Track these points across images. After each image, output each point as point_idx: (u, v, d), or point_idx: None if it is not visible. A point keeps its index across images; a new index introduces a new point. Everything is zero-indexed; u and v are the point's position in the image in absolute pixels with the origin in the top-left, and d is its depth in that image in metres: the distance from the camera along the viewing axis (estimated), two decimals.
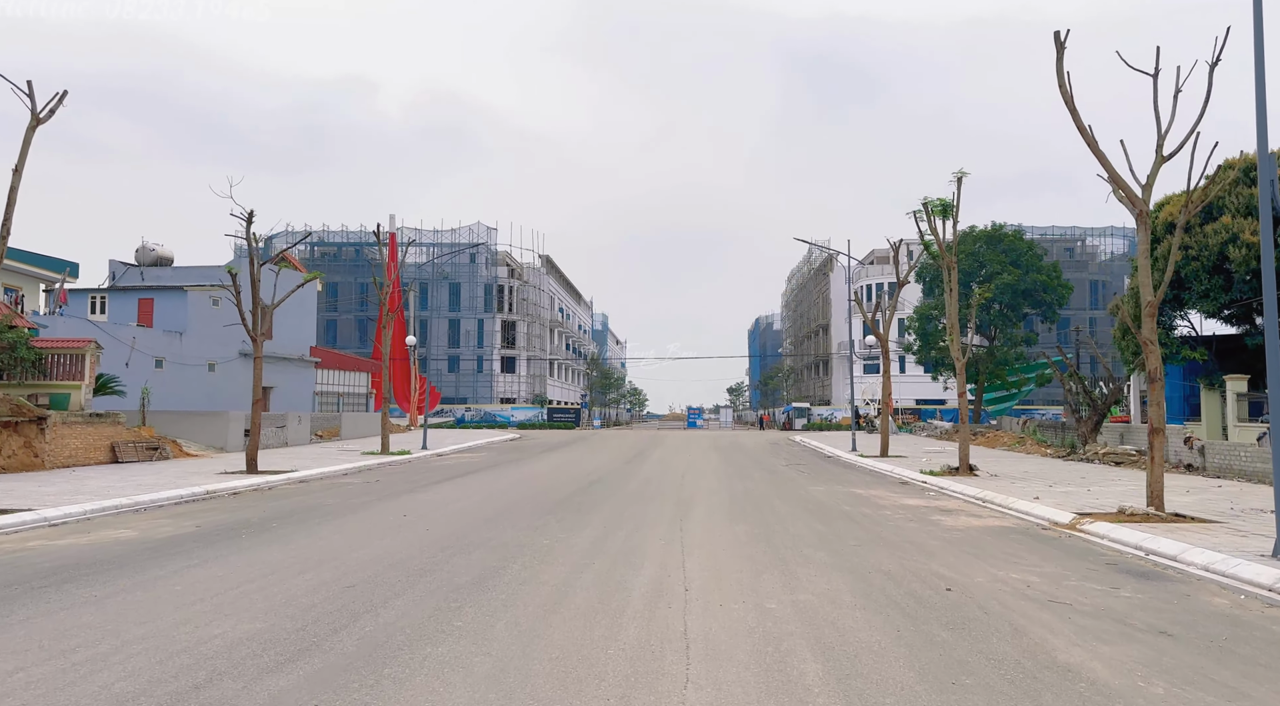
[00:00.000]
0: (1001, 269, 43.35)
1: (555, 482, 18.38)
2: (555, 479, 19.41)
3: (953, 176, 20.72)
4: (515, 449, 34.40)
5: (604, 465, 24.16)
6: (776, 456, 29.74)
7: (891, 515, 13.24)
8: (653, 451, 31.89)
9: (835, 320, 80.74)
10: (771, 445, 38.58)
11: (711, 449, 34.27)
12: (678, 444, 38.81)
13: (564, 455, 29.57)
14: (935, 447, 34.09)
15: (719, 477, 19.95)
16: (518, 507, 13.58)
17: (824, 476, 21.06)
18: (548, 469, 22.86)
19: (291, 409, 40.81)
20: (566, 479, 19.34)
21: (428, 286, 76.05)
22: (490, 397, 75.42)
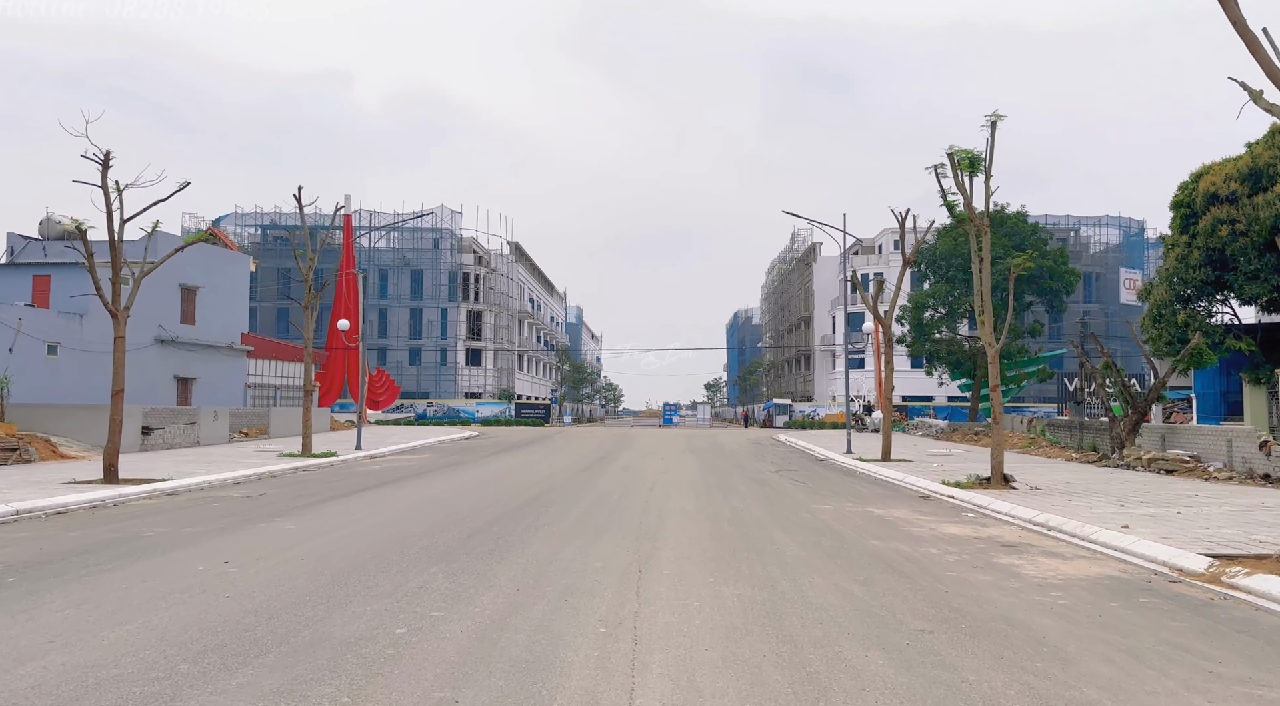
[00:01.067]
0: (1005, 253, 39.66)
1: (485, 499, 14.30)
2: (488, 493, 15.34)
3: (985, 120, 16.84)
4: (465, 449, 30.26)
5: (557, 472, 20.11)
6: (762, 460, 25.86)
7: (940, 556, 9.30)
8: (620, 454, 27.88)
9: (818, 313, 77.17)
10: (754, 445, 34.71)
11: (687, 450, 30.32)
12: (650, 444, 34.82)
13: (516, 458, 25.49)
14: (939, 449, 30.36)
15: (696, 491, 15.95)
16: (408, 544, 9.50)
17: (826, 488, 17.14)
18: (487, 477, 18.78)
19: (219, 403, 36.37)
20: (503, 493, 15.27)
21: (387, 273, 71.51)
22: (454, 392, 71.04)
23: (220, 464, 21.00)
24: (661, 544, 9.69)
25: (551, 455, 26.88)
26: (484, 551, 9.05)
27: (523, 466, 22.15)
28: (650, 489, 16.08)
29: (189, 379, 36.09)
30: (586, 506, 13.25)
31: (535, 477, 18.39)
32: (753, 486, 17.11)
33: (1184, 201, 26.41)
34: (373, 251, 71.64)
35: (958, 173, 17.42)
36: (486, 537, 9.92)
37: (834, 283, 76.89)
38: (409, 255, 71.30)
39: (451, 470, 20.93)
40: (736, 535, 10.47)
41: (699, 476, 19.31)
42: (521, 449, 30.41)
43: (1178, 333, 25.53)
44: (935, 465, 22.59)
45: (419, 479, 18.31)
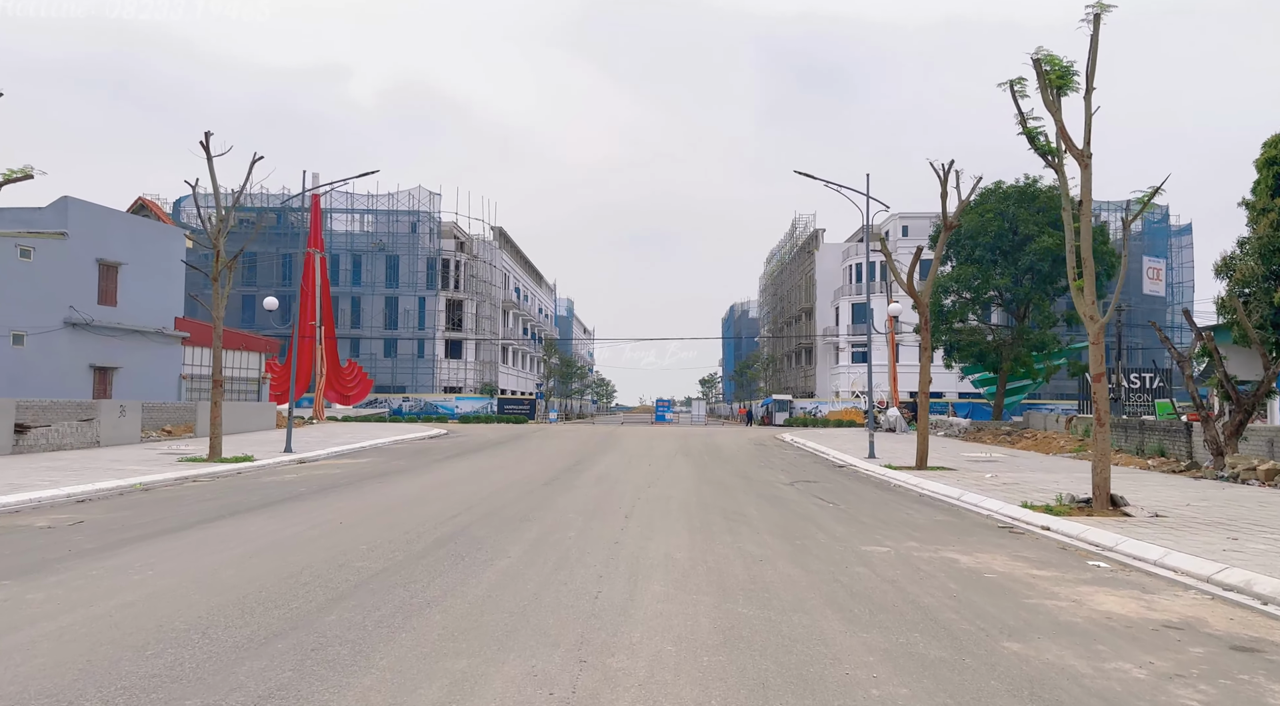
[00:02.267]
0: (1040, 231, 35.26)
1: (373, 539, 9.75)
2: (390, 525, 10.79)
3: (1086, 12, 12.29)
4: (420, 451, 25.69)
5: (510, 487, 15.57)
6: (770, 467, 21.37)
7: (1150, 684, 4.77)
8: (599, 458, 23.34)
9: (820, 303, 72.68)
10: (757, 447, 30.21)
11: (680, 453, 25.79)
12: (637, 445, 30.29)
13: (471, 464, 20.94)
14: (975, 453, 25.88)
15: (690, 521, 11.41)
16: (128, 663, 4.92)
17: (865, 512, 12.63)
18: (413, 495, 14.22)
19: (149, 396, 31.81)
20: (412, 526, 10.73)
21: (361, 259, 66.80)
22: (432, 386, 66.43)
23: (88, 472, 16.43)
24: (622, 663, 5.12)
25: (517, 460, 22.34)
26: (318, 648, 4.48)
27: (471, 477, 17.62)
28: (625, 517, 11.54)
29: (108, 368, 31.46)
30: (520, 555, 8.69)
31: (475, 496, 13.84)
32: (767, 510, 12.58)
33: (1277, 158, 21.93)
34: (346, 235, 66.97)
35: (1046, 88, 12.84)
36: (282, 652, 5.33)
37: (837, 272, 72.45)
38: (384, 239, 66.59)
39: (377, 483, 16.37)
40: (762, 631, 5.89)
41: (693, 494, 14.77)
42: (484, 451, 25.86)
43: (1272, 313, 21.10)
44: (987, 476, 18.12)
45: (318, 498, 13.75)
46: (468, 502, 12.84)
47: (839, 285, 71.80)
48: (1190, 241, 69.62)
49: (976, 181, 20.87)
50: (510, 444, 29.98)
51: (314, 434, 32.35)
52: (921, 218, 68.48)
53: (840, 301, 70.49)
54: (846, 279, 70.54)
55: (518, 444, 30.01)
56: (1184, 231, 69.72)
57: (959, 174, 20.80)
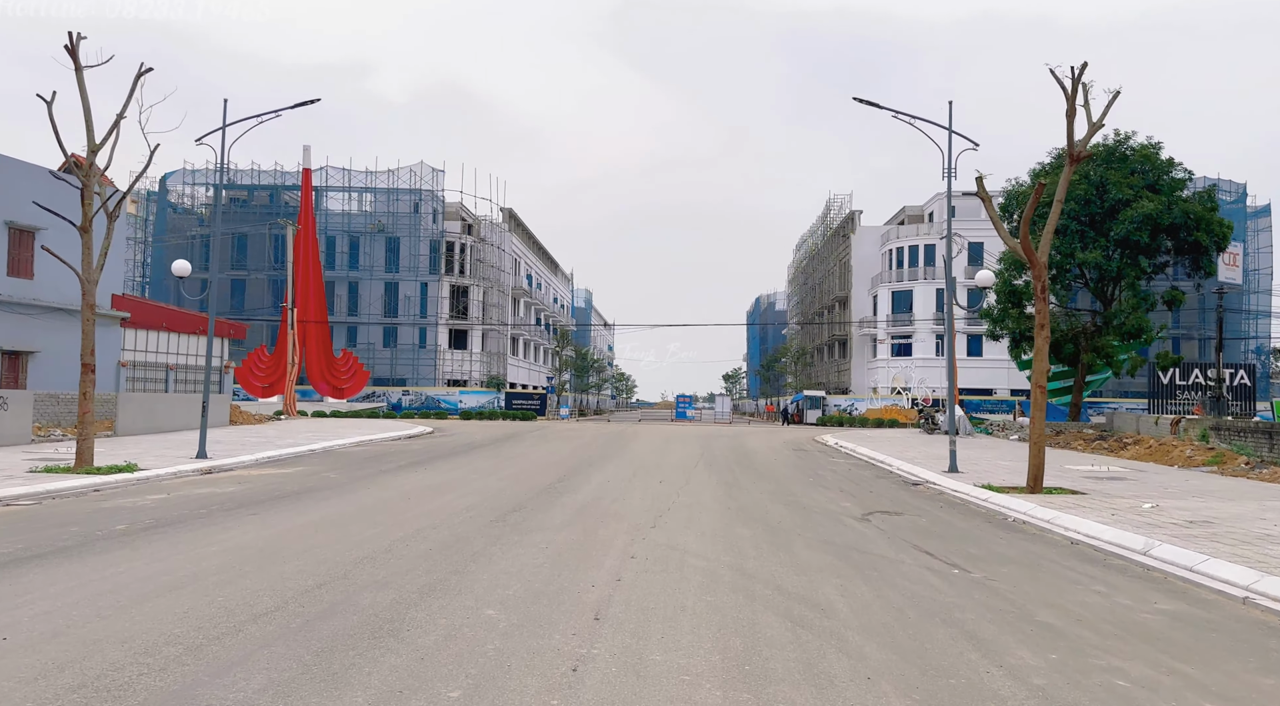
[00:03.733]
0: (1135, 195, 29.35)
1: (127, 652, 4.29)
2: (139, 635, 5.38)
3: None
4: (377, 458, 20.46)
5: (444, 523, 10.20)
6: (824, 486, 15.87)
7: None
8: (596, 471, 17.94)
9: (856, 291, 66.83)
10: (797, 454, 24.69)
11: (702, 463, 20.32)
12: (650, 450, 24.87)
13: (425, 479, 15.62)
14: (1082, 465, 20.17)
15: (720, 625, 5.94)
16: None
17: (1024, 591, 7.07)
18: (281, 541, 8.88)
19: (74, 385, 26.82)
20: (170, 637, 5.31)
21: (359, 240, 61.90)
22: (434, 379, 61.46)
23: None
24: None
25: (487, 472, 17.01)
26: None
27: (397, 503, 12.30)
28: (596, 618, 6.06)
29: (21, 353, 26.55)
30: None
31: (366, 549, 8.47)
32: (858, 592, 7.06)
33: None
34: (343, 215, 62.12)
35: None
36: None
37: (875, 257, 66.57)
38: (383, 220, 61.62)
39: (250, 515, 11.12)
40: None
41: (722, 545, 9.30)
42: (455, 458, 20.56)
43: None
44: (1146, 506, 12.53)
45: (116, 551, 8.48)
46: (331, 569, 7.48)
47: (877, 272, 65.94)
48: (1269, 224, 62.95)
49: (1113, 97, 15.21)
50: (496, 447, 24.69)
51: (267, 432, 27.29)
52: (970, 196, 62.29)
53: (879, 289, 64.62)
54: (886, 264, 64.63)
55: (505, 447, 24.72)
56: (1262, 213, 63.04)
57: (1087, 87, 15.16)
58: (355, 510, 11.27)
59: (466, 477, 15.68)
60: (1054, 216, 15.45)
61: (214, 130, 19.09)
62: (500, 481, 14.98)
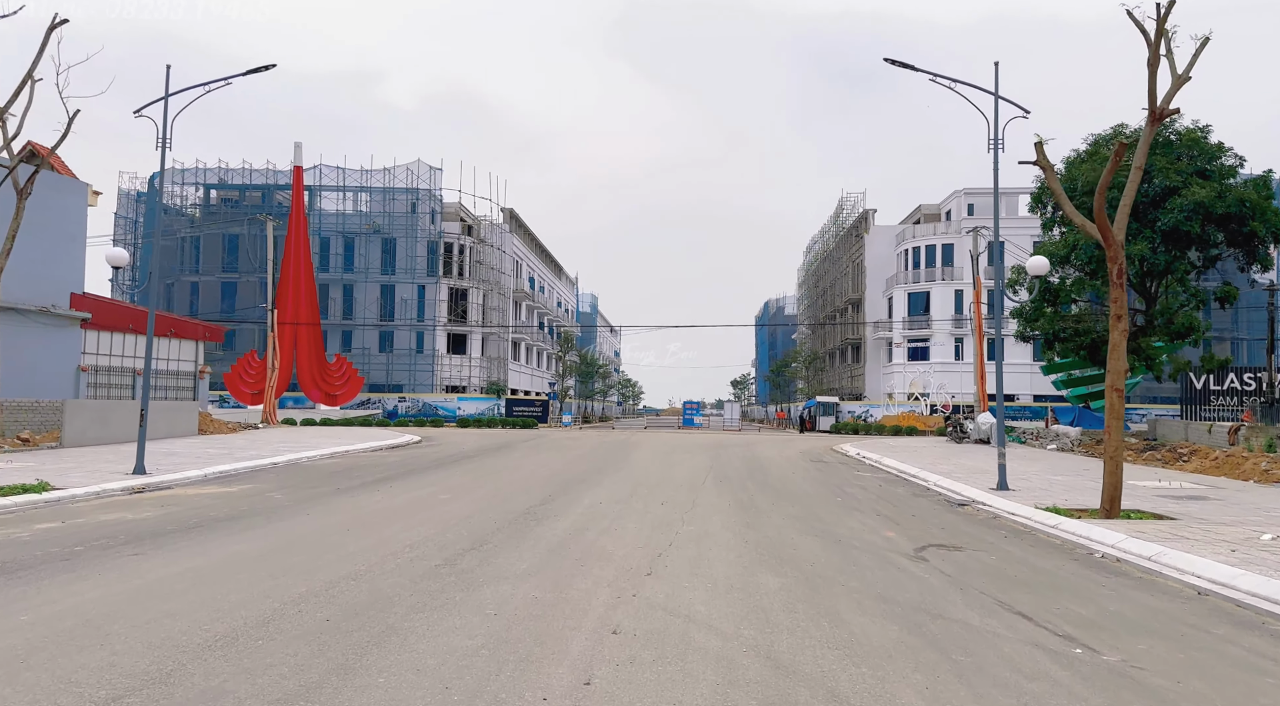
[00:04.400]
0: (1184, 181, 26.80)
1: None
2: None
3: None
4: (347, 472, 18.09)
5: (386, 563, 7.76)
6: (858, 509, 13.40)
7: None
8: (590, 489, 15.50)
9: (870, 293, 64.29)
10: (817, 466, 22.20)
11: (712, 479, 17.86)
12: (654, 461, 22.42)
13: (393, 500, 13.21)
14: (1147, 480, 17.64)
15: None
16: None
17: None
18: (170, 583, 6.44)
19: (29, 391, 24.71)
20: None
21: (353, 241, 59.70)
22: (432, 385, 59.13)
23: None
24: None
25: (466, 489, 14.61)
26: None
27: (346, 534, 9.92)
28: None
29: None
30: None
31: (237, 618, 6.05)
32: (947, 686, 4.62)
33: None
34: (337, 216, 59.94)
35: None
36: None
37: (890, 258, 64.02)
38: (379, 220, 59.42)
39: (157, 549, 8.76)
40: None
41: (739, 601, 6.85)
42: (438, 472, 18.16)
43: None
44: (1266, 537, 10.05)
45: None
46: (154, 665, 5.07)
47: (892, 273, 63.39)
48: None
49: (1201, 44, 12.74)
50: (482, 459, 22.28)
51: (235, 443, 24.96)
52: (990, 194, 59.81)
53: (894, 290, 62.07)
54: (902, 265, 62.07)
55: (492, 459, 22.31)
56: None
57: (1170, 34, 12.69)
58: (269, 548, 8.88)
59: (432, 499, 13.27)
60: (1133, 186, 12.95)
61: (154, 101, 16.78)
62: (469, 505, 12.56)
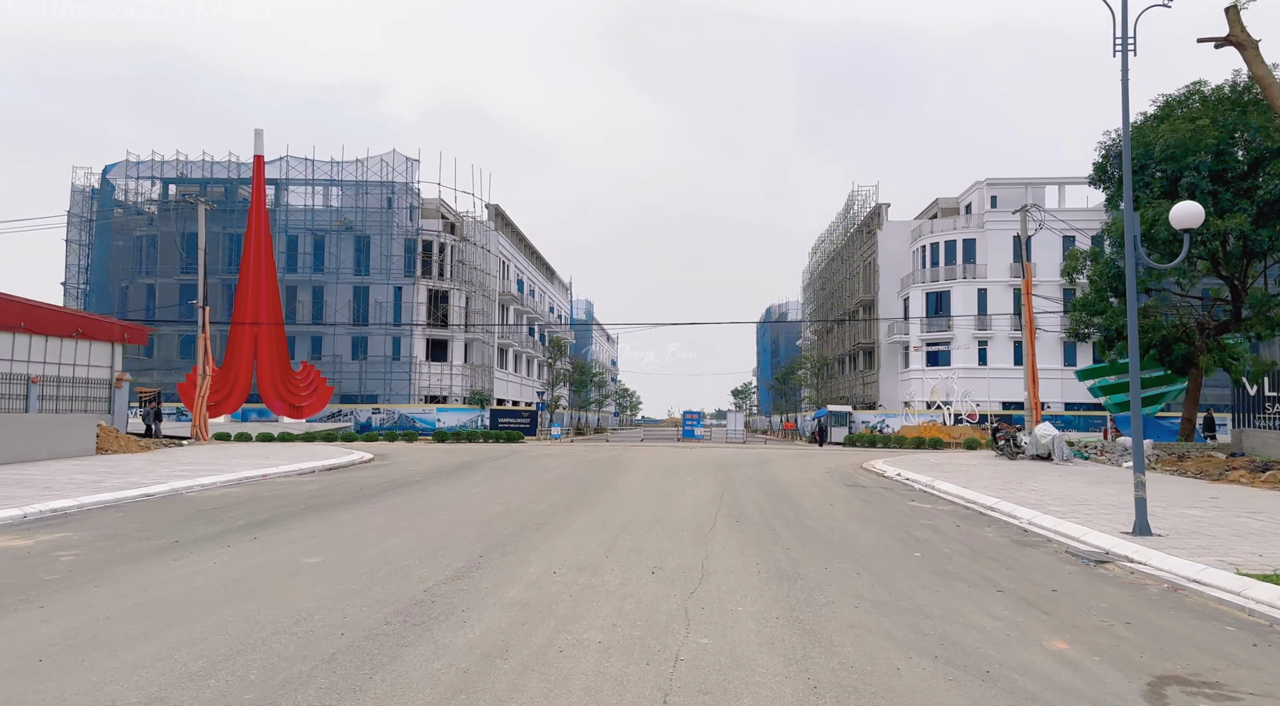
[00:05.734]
0: None
1: None
2: None
3: None
4: (235, 506, 13.27)
5: None
6: (954, 573, 8.56)
7: None
8: (562, 527, 10.69)
9: (884, 294, 59.61)
10: (856, 492, 17.38)
11: (725, 514, 13.07)
12: (648, 487, 17.61)
13: (244, 558, 8.37)
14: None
15: None
16: None
17: None
18: None
19: None
20: None
21: (323, 239, 54.99)
22: (410, 395, 54.32)
23: None
24: None
25: (365, 542, 9.80)
26: None
27: (39, 663, 5.02)
28: None
29: None
30: None
31: None
32: None
33: None
34: (305, 211, 55.24)
35: None
36: None
37: (904, 255, 59.37)
38: (351, 216, 54.73)
39: None
40: None
41: None
42: (350, 508, 13.35)
43: None
44: None
45: None
46: None
47: (908, 271, 58.74)
48: None
49: None
50: (430, 486, 17.47)
51: (131, 465, 20.14)
52: (1016, 184, 55.25)
53: (910, 290, 57.38)
54: (918, 263, 57.41)
55: (442, 486, 17.50)
56: None
57: None
58: None
59: (288, 567, 8.46)
60: None
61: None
62: (331, 583, 7.74)
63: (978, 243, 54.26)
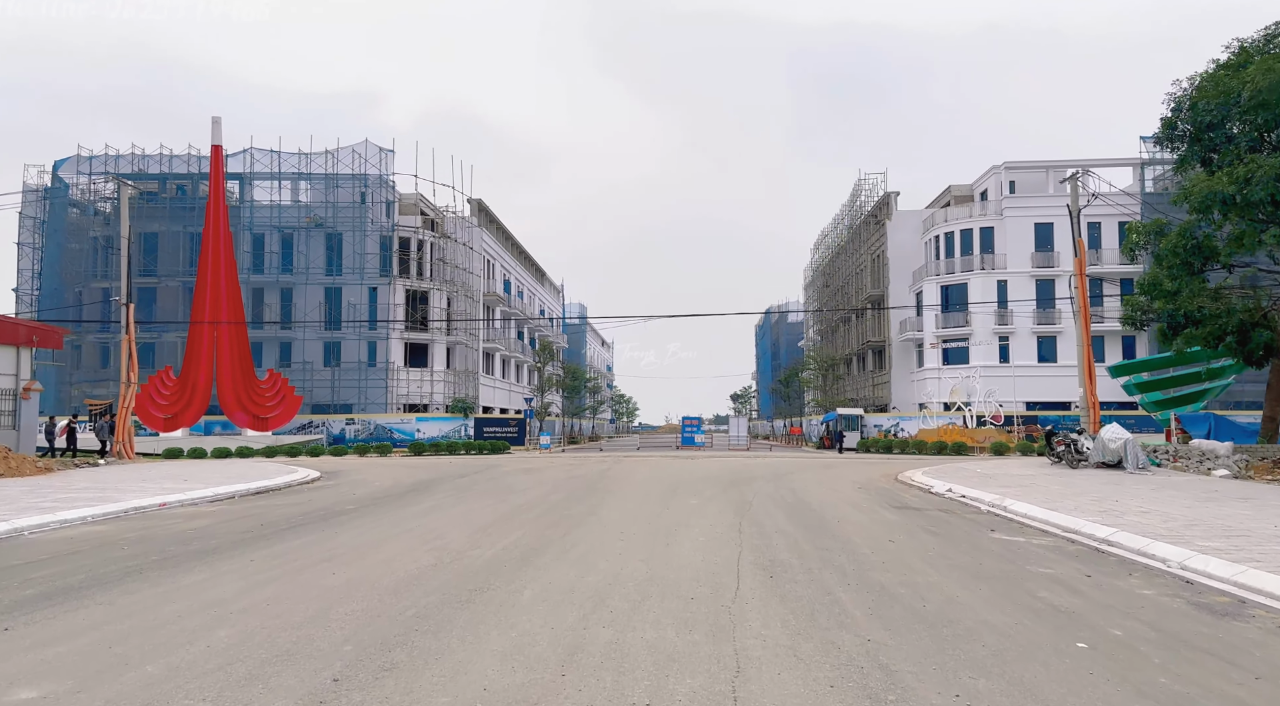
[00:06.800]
0: None
1: None
2: None
3: None
4: (53, 560, 9.30)
5: None
6: (1134, 680, 4.67)
7: None
8: (501, 606, 6.75)
9: (895, 289, 55.81)
10: (916, 520, 13.45)
11: (748, 560, 9.18)
12: (638, 515, 13.70)
13: None
14: None
15: None
16: None
17: None
18: None
19: None
20: None
21: (292, 237, 51.07)
22: (387, 404, 50.34)
23: None
24: None
25: (163, 642, 5.89)
26: None
27: None
28: None
29: None
30: None
31: None
32: None
33: None
34: (272, 208, 51.30)
35: None
36: None
37: (916, 246, 55.59)
38: (321, 212, 50.83)
39: None
40: None
41: None
42: (204, 565, 9.41)
43: None
44: None
45: None
46: None
47: (919, 264, 54.97)
48: None
49: None
50: (362, 517, 13.55)
51: (8, 491, 16.18)
52: (1036, 167, 51.53)
53: (923, 284, 53.56)
54: (931, 254, 53.64)
55: (377, 519, 13.57)
56: None
57: None
58: None
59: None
60: None
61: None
62: None
63: (996, 231, 50.50)
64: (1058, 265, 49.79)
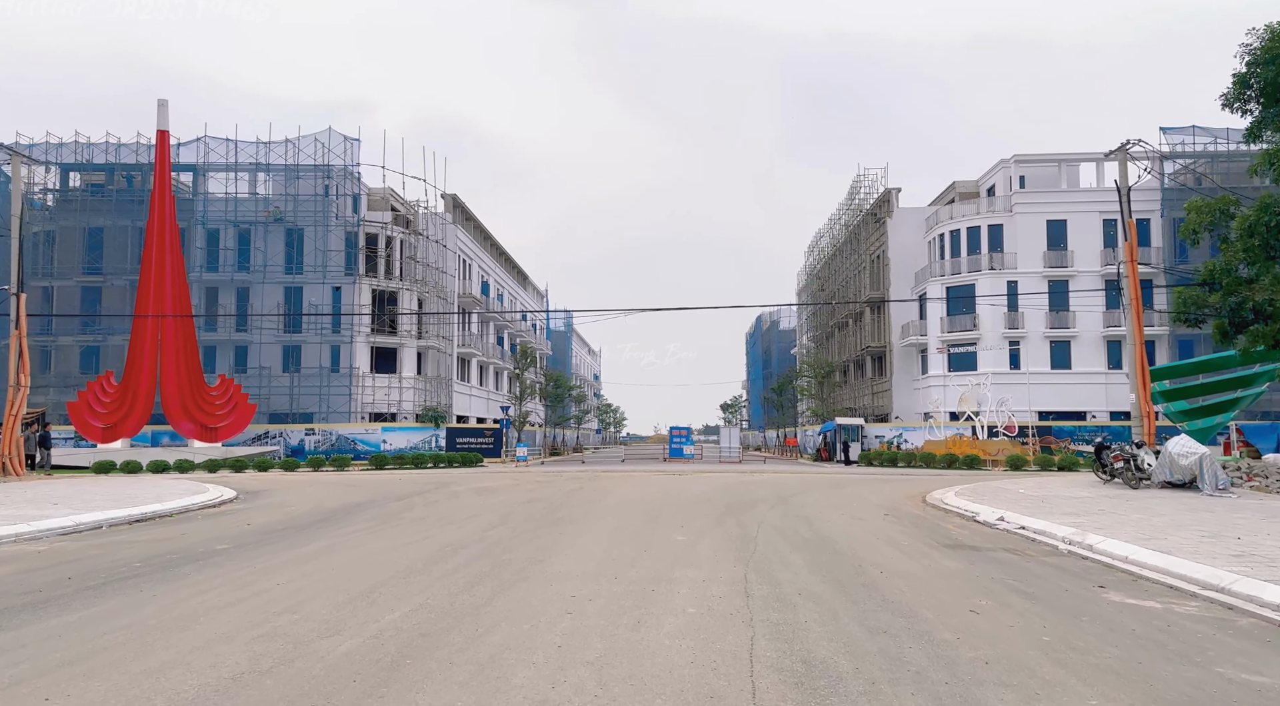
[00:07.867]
0: None
1: None
2: None
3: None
4: None
5: None
6: None
7: None
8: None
9: (897, 289, 52.45)
10: (988, 569, 9.90)
11: (752, 638, 5.57)
12: (604, 563, 10.16)
13: None
14: None
15: None
16: None
17: None
18: None
19: None
20: None
21: (249, 232, 47.30)
22: (351, 413, 46.53)
23: None
24: None
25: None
26: None
27: None
28: None
29: None
30: None
31: None
32: None
33: None
34: (227, 201, 47.54)
35: None
36: None
37: (919, 245, 52.30)
38: (281, 205, 47.11)
39: None
40: None
41: None
42: None
43: None
44: None
45: None
46: None
47: (923, 264, 51.68)
48: None
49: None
50: (213, 568, 9.93)
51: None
52: (1048, 161, 48.38)
53: (927, 285, 50.23)
54: (935, 253, 50.35)
55: (235, 567, 9.95)
56: None
57: None
58: None
59: None
60: None
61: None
62: None
63: (1005, 228, 47.25)
64: (1071, 265, 46.61)
